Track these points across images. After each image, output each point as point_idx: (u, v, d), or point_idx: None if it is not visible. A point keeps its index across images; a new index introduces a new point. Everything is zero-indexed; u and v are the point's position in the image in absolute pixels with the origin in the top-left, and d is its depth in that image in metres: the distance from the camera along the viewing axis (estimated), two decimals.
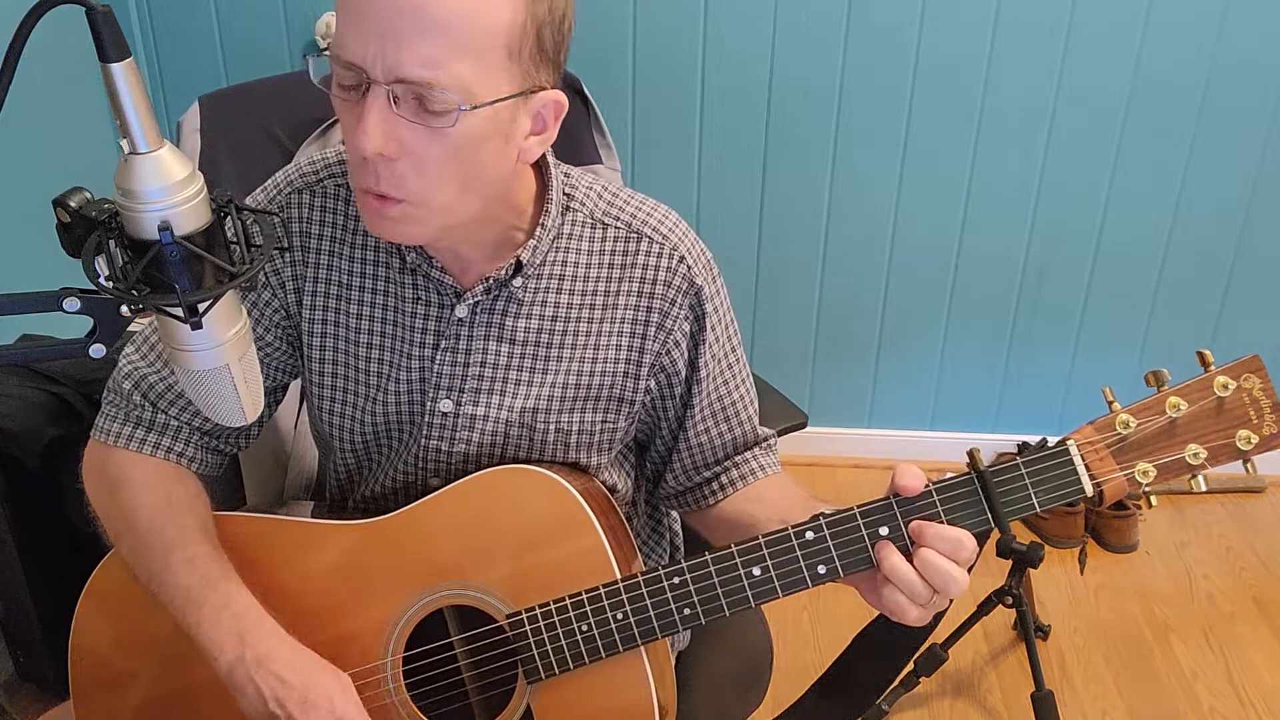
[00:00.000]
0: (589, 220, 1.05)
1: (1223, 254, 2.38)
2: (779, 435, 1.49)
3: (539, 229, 1.02)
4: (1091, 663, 2.06)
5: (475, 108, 0.86)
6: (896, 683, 1.87)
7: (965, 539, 0.89)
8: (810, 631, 2.14)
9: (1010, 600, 1.88)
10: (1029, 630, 1.88)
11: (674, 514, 1.29)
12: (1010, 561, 1.89)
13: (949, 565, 0.89)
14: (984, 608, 1.90)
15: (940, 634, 1.91)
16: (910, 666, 1.87)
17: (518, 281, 1.03)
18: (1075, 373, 2.53)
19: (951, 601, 0.96)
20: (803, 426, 1.58)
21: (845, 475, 2.61)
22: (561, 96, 0.94)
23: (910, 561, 0.90)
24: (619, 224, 1.06)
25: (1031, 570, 1.90)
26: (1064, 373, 2.54)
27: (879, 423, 2.65)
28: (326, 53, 0.89)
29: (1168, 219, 2.35)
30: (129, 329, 0.70)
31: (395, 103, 0.84)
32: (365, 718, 0.96)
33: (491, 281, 1.02)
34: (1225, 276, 2.40)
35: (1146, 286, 2.43)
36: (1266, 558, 2.34)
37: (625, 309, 1.05)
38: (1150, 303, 2.44)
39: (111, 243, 0.68)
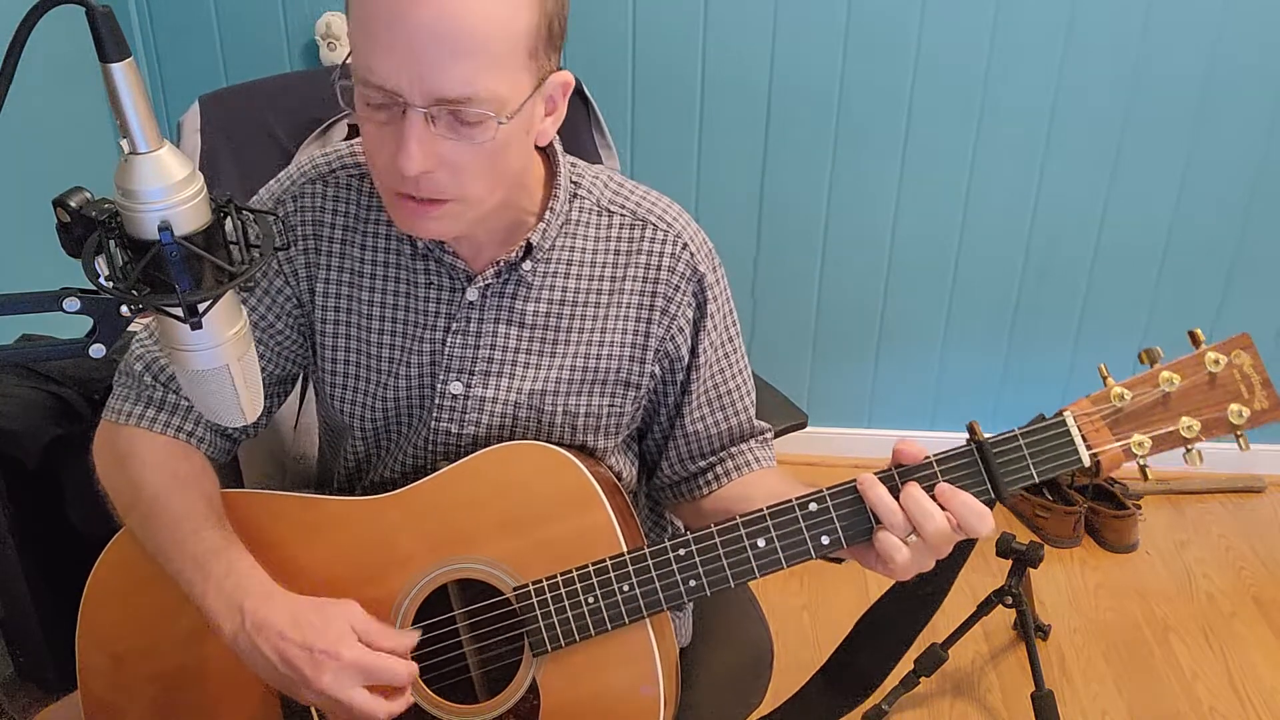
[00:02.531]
0: (595, 207, 1.08)
1: (1222, 255, 2.38)
2: (779, 435, 1.49)
3: (548, 212, 1.04)
4: (1091, 663, 2.06)
5: (512, 117, 0.89)
6: (897, 682, 1.88)
7: (961, 493, 0.91)
8: (810, 630, 2.14)
9: (1010, 600, 1.88)
10: (1029, 630, 1.88)
11: None
12: (1010, 561, 1.89)
13: (929, 502, 0.90)
14: (984, 608, 1.90)
15: (940, 634, 1.91)
16: (910, 666, 1.87)
17: (527, 265, 1.05)
18: (1075, 372, 2.53)
19: (951, 576, 0.96)
20: (802, 426, 1.58)
21: (845, 475, 2.59)
22: (568, 75, 0.97)
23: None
24: (625, 211, 1.08)
25: (1031, 570, 1.90)
26: (1063, 372, 2.54)
27: (879, 422, 2.65)
28: (345, 81, 0.90)
29: (1167, 219, 2.35)
30: (129, 328, 0.70)
31: (433, 122, 0.87)
32: (375, 655, 0.96)
33: (502, 264, 1.04)
34: (1224, 278, 2.40)
35: (1146, 286, 2.43)
36: (1266, 558, 2.34)
37: (631, 294, 1.08)
38: (1149, 303, 2.44)
39: (111, 243, 0.69)
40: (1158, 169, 2.30)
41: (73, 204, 0.69)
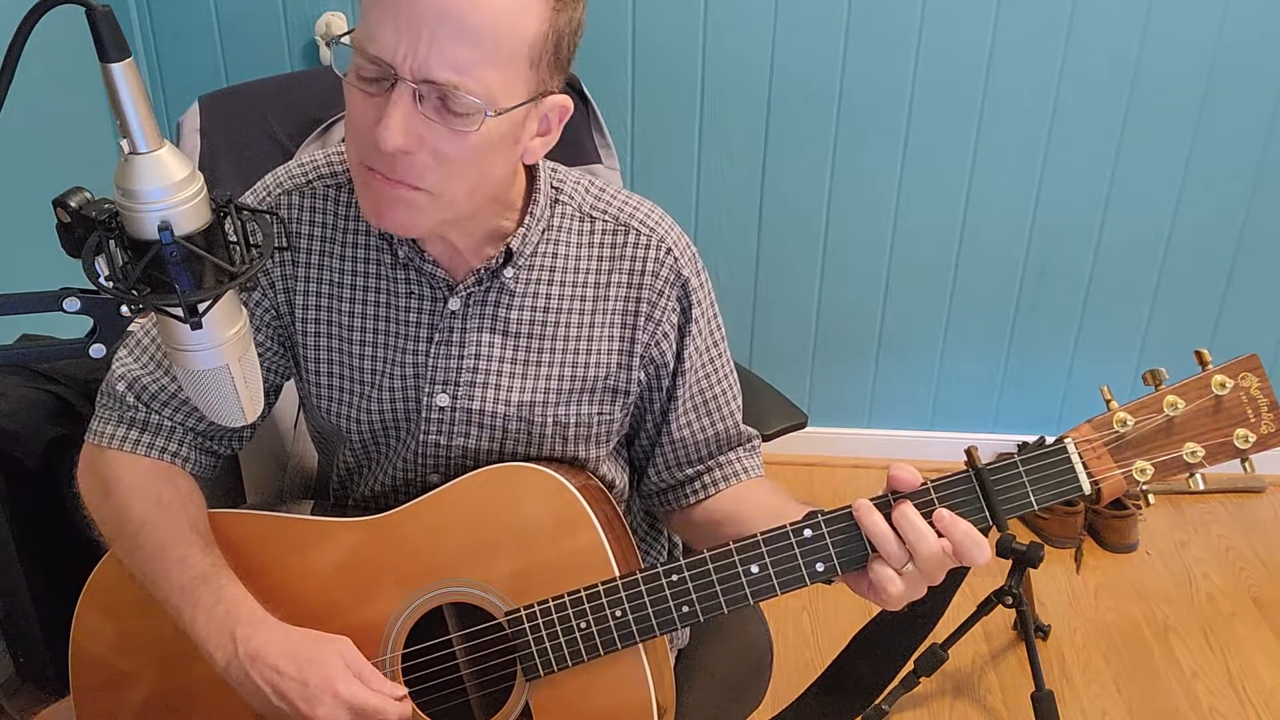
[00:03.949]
0: (577, 213, 1.07)
1: (1223, 254, 2.38)
2: (779, 435, 1.49)
3: (528, 217, 1.03)
4: (1091, 663, 2.06)
5: (500, 114, 0.88)
6: (896, 683, 1.88)
7: (962, 522, 0.89)
8: (810, 631, 2.14)
9: (1010, 600, 1.88)
10: (1029, 630, 1.88)
11: None
12: (1010, 561, 1.89)
13: (923, 524, 0.89)
14: (984, 608, 1.90)
15: (940, 634, 1.91)
16: (910, 666, 1.87)
17: (509, 272, 1.04)
18: (1075, 373, 2.53)
19: (951, 594, 0.96)
20: (803, 426, 1.57)
21: (845, 475, 2.61)
22: (568, 100, 0.96)
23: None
24: (606, 217, 1.07)
25: (1031, 570, 1.90)
26: (1064, 373, 2.54)
27: (879, 423, 2.65)
28: (344, 40, 0.89)
29: (1167, 219, 2.35)
30: (129, 329, 0.70)
31: (420, 101, 0.86)
32: (370, 694, 0.96)
33: (483, 272, 1.03)
34: (1225, 277, 2.40)
35: (1146, 286, 2.43)
36: (1266, 558, 2.34)
37: (615, 300, 1.07)
38: (1150, 303, 2.44)
39: (111, 243, 0.68)
40: (1158, 169, 2.30)
41: (73, 204, 0.69)
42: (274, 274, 1.07)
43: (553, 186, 1.06)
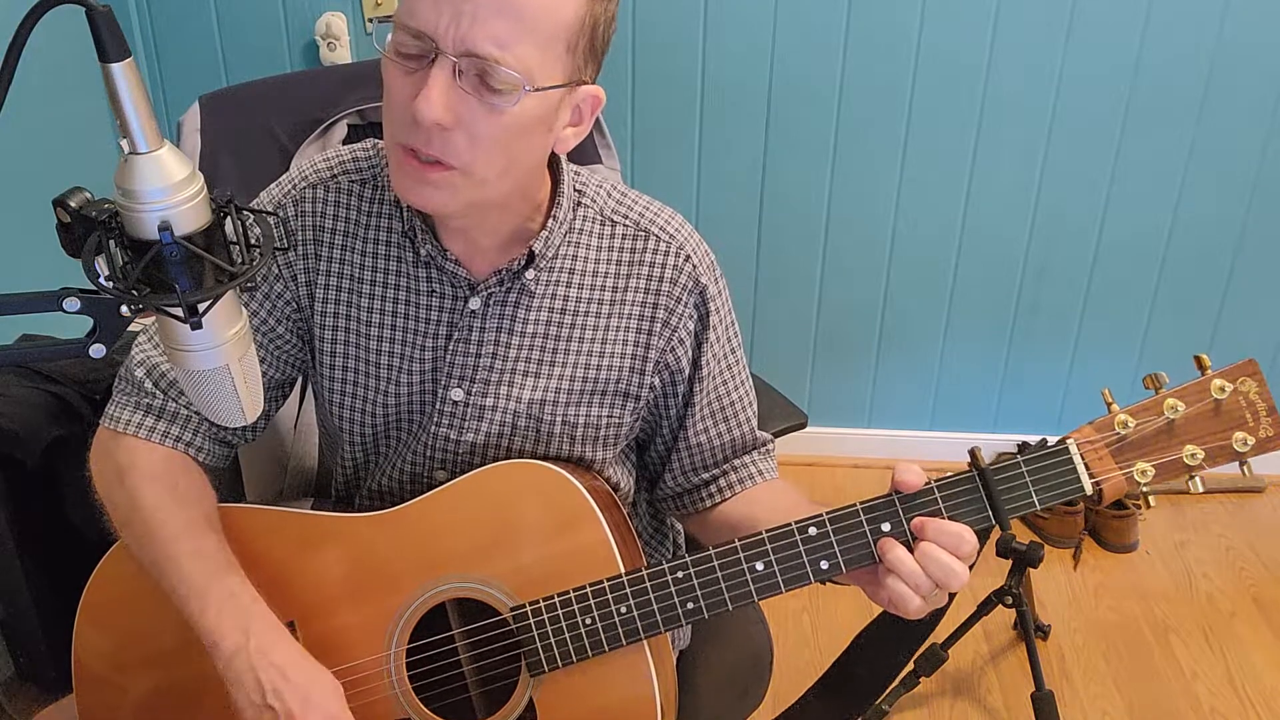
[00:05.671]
0: (599, 217, 1.08)
1: (1222, 255, 2.38)
2: (779, 435, 1.49)
3: (551, 220, 1.04)
4: (1091, 663, 2.06)
5: (537, 90, 0.89)
6: (896, 683, 1.88)
7: (966, 533, 0.90)
8: (810, 631, 2.14)
9: (1010, 600, 1.88)
10: (1029, 630, 1.88)
11: None
12: (1010, 561, 1.89)
13: (950, 559, 0.90)
14: (984, 608, 1.90)
15: (940, 634, 1.91)
16: (910, 666, 1.87)
17: (530, 273, 1.04)
18: (1075, 373, 2.53)
19: (952, 599, 0.97)
20: (803, 426, 1.58)
21: (845, 475, 2.61)
22: (600, 92, 0.98)
23: (912, 555, 0.91)
24: (627, 222, 1.08)
25: (1031, 570, 1.90)
26: (1063, 373, 2.54)
27: (879, 423, 2.65)
28: (390, 18, 0.89)
29: (1167, 219, 2.35)
30: (130, 328, 0.70)
31: (459, 76, 0.87)
32: None
33: (505, 273, 1.04)
34: (1225, 277, 2.40)
35: (1146, 287, 2.43)
36: (1266, 558, 2.34)
37: (632, 305, 1.07)
38: (1150, 303, 2.44)
39: (111, 243, 0.68)
40: (1158, 169, 2.30)
41: (73, 204, 0.69)
42: (296, 266, 1.07)
43: (575, 189, 1.07)
